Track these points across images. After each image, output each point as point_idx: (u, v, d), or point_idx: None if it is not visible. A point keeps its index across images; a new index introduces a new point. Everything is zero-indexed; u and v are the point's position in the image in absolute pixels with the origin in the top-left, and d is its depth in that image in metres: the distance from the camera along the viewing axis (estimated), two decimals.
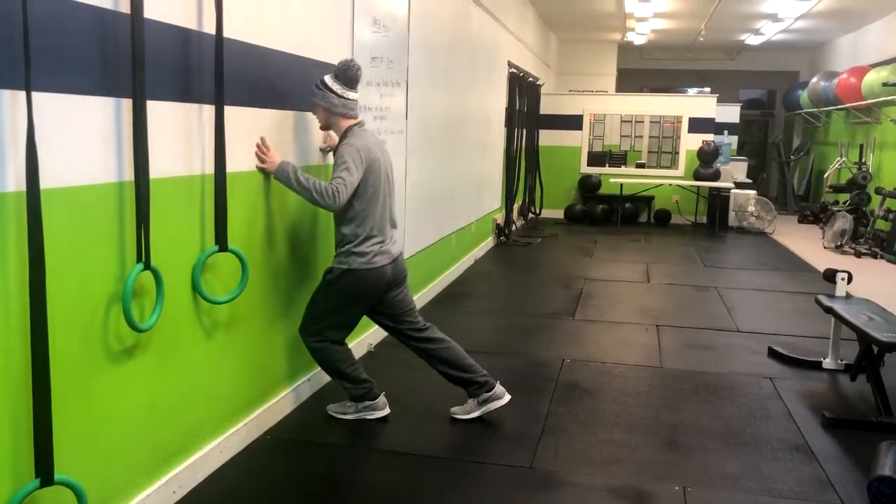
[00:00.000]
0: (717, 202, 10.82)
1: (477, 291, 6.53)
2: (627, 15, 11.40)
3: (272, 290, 3.43)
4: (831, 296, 4.56)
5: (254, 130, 3.17)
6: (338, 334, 3.46)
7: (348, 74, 3.32)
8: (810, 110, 13.35)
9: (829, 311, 4.37)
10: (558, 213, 11.57)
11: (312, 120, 3.68)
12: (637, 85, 16.04)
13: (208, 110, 2.79)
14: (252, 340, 3.28)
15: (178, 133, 2.66)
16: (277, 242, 3.45)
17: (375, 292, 3.41)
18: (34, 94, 1.93)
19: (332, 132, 3.73)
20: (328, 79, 3.32)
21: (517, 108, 9.45)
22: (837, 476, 3.14)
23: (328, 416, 3.58)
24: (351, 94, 3.35)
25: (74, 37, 2.13)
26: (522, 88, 9.75)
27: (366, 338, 4.53)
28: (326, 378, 4.02)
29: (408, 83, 5.12)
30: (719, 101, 11.90)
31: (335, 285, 3.36)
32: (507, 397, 3.61)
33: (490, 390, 3.57)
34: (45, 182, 2.00)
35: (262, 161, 3.21)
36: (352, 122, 3.37)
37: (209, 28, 2.75)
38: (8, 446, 2.02)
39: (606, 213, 11.24)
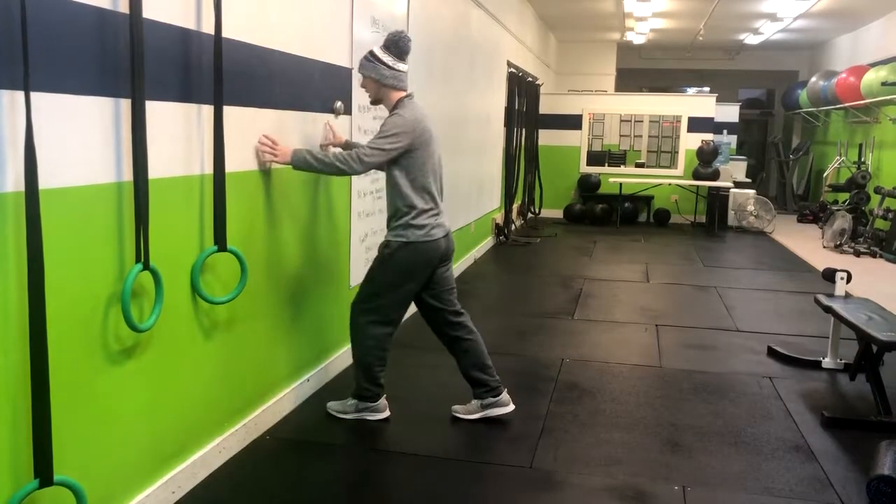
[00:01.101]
0: (717, 202, 10.82)
1: (476, 291, 6.52)
2: (626, 14, 11.40)
3: (271, 290, 3.43)
4: (830, 295, 4.56)
5: (253, 130, 3.17)
6: (394, 311, 3.41)
7: (399, 45, 3.31)
8: (809, 110, 13.36)
9: (828, 310, 4.37)
10: (557, 213, 11.57)
11: (312, 119, 3.69)
12: (636, 84, 16.05)
13: (207, 110, 2.79)
14: (251, 341, 3.28)
15: (177, 133, 2.65)
16: (277, 242, 3.45)
17: (431, 266, 3.38)
18: (33, 95, 1.93)
19: (333, 129, 3.74)
20: (378, 50, 3.31)
21: (516, 107, 9.45)
22: (837, 475, 3.14)
23: (328, 416, 3.57)
24: (401, 66, 3.34)
25: (73, 37, 2.13)
26: (522, 88, 9.75)
27: None
28: (326, 378, 4.03)
29: (408, 88, 5.10)
30: (718, 100, 11.91)
31: (393, 259, 3.32)
32: (511, 407, 3.60)
33: (496, 396, 3.56)
34: (44, 182, 2.00)
35: (274, 155, 3.20)
36: (402, 93, 3.36)
37: (208, 28, 2.75)
38: (7, 447, 2.02)
39: (606, 213, 11.24)
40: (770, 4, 10.37)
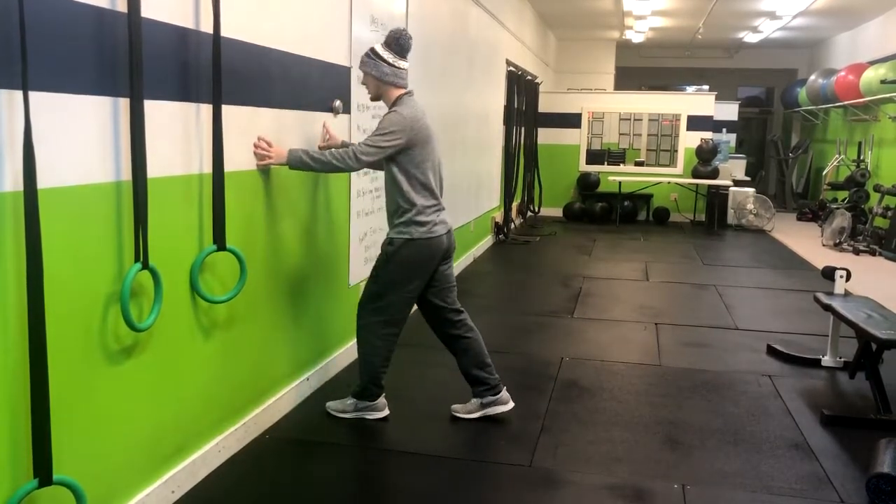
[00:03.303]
0: (716, 200, 10.82)
1: (476, 290, 6.52)
2: (626, 13, 11.39)
3: (271, 290, 3.43)
4: (830, 293, 4.56)
5: (251, 129, 3.17)
6: (400, 311, 3.41)
7: (400, 43, 3.31)
8: (809, 108, 13.36)
9: (827, 308, 4.38)
10: (557, 212, 11.57)
11: (311, 119, 3.68)
12: (635, 83, 16.05)
13: (206, 109, 2.78)
14: (251, 340, 3.28)
15: (176, 132, 2.65)
16: (276, 241, 3.44)
17: (434, 262, 3.39)
18: (31, 94, 1.92)
19: (330, 130, 3.74)
20: (379, 48, 3.31)
21: (516, 106, 9.44)
22: (836, 473, 3.14)
23: (327, 415, 3.57)
24: (402, 63, 3.34)
25: (71, 36, 2.13)
26: (521, 87, 9.74)
27: None
28: (326, 377, 4.03)
29: (408, 85, 5.10)
30: (718, 98, 11.91)
31: (397, 256, 3.32)
32: (511, 405, 3.60)
33: (496, 395, 3.56)
34: (43, 182, 2.00)
35: (269, 157, 3.20)
36: (402, 91, 3.36)
37: (206, 27, 2.74)
38: (6, 446, 2.02)
39: (605, 212, 11.24)
40: (769, 2, 10.37)
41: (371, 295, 3.42)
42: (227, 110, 2.89)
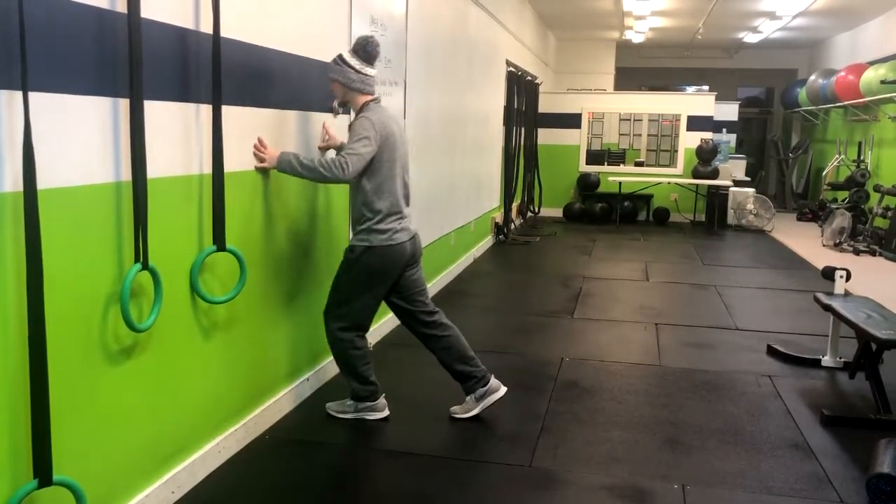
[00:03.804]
0: (716, 200, 10.82)
1: (476, 290, 6.52)
2: (626, 13, 11.40)
3: (270, 290, 3.43)
4: (830, 293, 4.56)
5: (251, 130, 3.17)
6: (363, 317, 3.43)
7: (367, 50, 3.32)
8: (809, 108, 13.36)
9: (827, 308, 4.37)
10: (557, 212, 11.57)
11: (311, 119, 3.68)
12: (635, 83, 16.05)
13: (206, 110, 2.78)
14: (251, 340, 3.28)
15: (176, 133, 2.65)
16: (276, 241, 3.44)
17: (397, 269, 3.40)
18: (31, 95, 1.93)
19: (330, 131, 3.74)
20: (347, 55, 3.33)
21: (515, 106, 9.44)
22: (836, 474, 3.14)
23: (327, 415, 3.57)
24: (369, 70, 3.35)
25: (71, 37, 2.13)
26: (521, 87, 9.74)
27: None
28: (326, 377, 4.03)
29: (406, 82, 5.11)
30: (718, 99, 11.91)
31: (358, 264, 3.34)
32: (504, 389, 3.61)
33: (486, 385, 3.57)
34: (43, 182, 2.00)
35: (261, 160, 3.21)
36: (368, 97, 3.37)
37: (206, 27, 2.74)
38: (6, 447, 2.02)
39: (605, 212, 11.24)
40: (769, 3, 10.36)
41: (333, 302, 3.45)
42: (227, 111, 2.89)
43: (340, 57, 3.34)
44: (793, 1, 10.07)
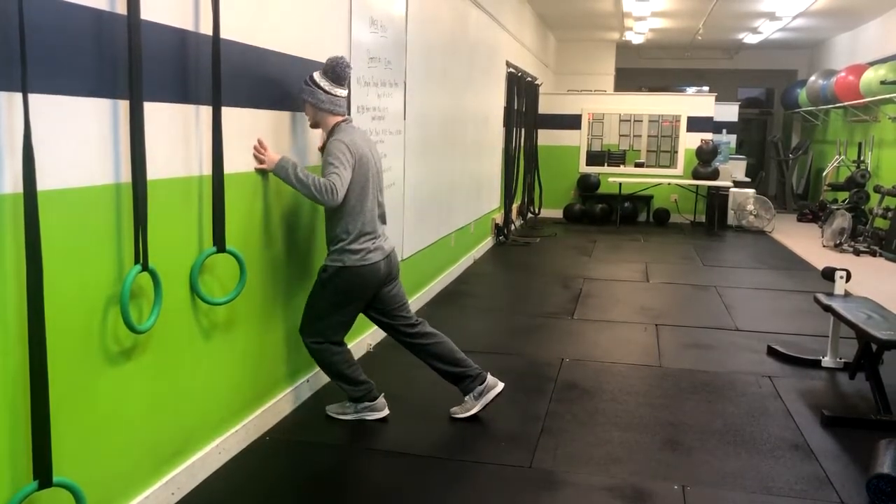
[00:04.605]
0: (716, 201, 10.82)
1: (476, 291, 6.52)
2: (625, 14, 11.40)
3: (270, 291, 3.43)
4: (830, 294, 4.56)
5: (251, 131, 3.17)
6: (336, 333, 3.46)
7: (336, 71, 3.32)
8: (809, 109, 13.36)
9: (827, 309, 4.37)
10: (557, 213, 11.57)
11: None
12: (635, 84, 16.04)
13: (205, 111, 2.79)
14: (250, 341, 3.28)
15: (176, 134, 2.66)
16: (275, 243, 3.45)
17: (370, 288, 3.42)
18: (31, 96, 1.93)
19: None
20: (317, 75, 3.33)
21: (515, 107, 9.45)
22: (836, 474, 3.14)
23: (327, 416, 3.58)
24: (339, 91, 3.34)
25: (71, 38, 2.13)
26: (521, 88, 9.75)
27: (365, 338, 4.53)
28: (326, 379, 4.02)
29: (406, 83, 5.12)
30: (718, 100, 11.91)
31: (331, 283, 3.37)
32: (501, 385, 3.61)
33: (483, 382, 3.57)
34: (43, 184, 2.00)
35: (261, 161, 3.21)
36: (339, 118, 3.37)
37: (206, 29, 2.75)
38: (6, 448, 2.02)
39: (605, 213, 11.24)
40: (769, 3, 10.37)
41: (307, 319, 3.46)
42: (227, 112, 2.89)
43: (311, 77, 3.32)
44: (793, 2, 10.07)
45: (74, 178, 2.19)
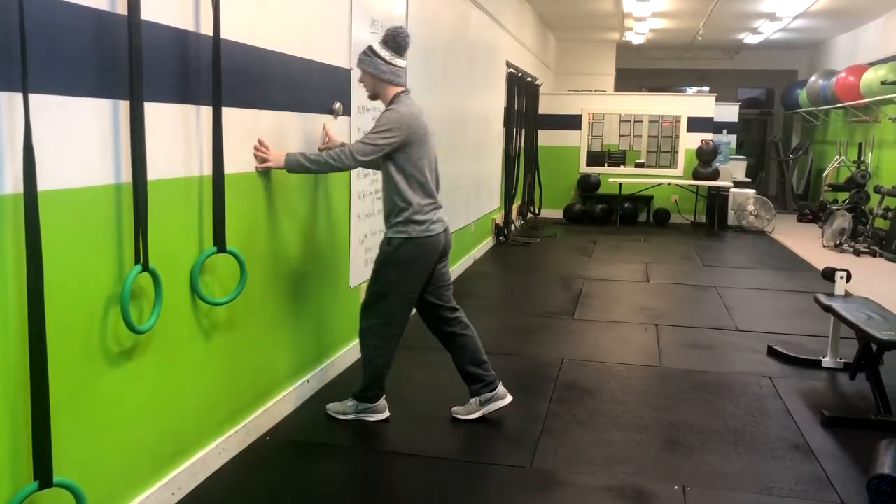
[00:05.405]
0: (717, 201, 10.83)
1: (476, 291, 6.52)
2: (626, 14, 11.40)
3: (271, 291, 3.43)
4: (830, 294, 4.56)
5: (252, 132, 3.17)
6: (401, 312, 3.41)
7: (397, 41, 3.32)
8: (809, 109, 13.36)
9: (828, 309, 4.37)
10: (557, 213, 11.57)
11: (311, 121, 3.69)
12: (636, 84, 16.05)
13: (206, 111, 2.79)
14: (251, 342, 3.28)
15: (176, 134, 2.66)
16: (276, 243, 3.45)
17: (433, 262, 3.39)
18: (31, 97, 1.93)
19: (330, 133, 3.74)
20: (377, 45, 3.33)
21: (516, 108, 9.45)
22: (837, 475, 3.14)
23: (328, 417, 3.57)
24: (399, 61, 3.35)
25: (71, 39, 2.13)
26: (521, 88, 9.75)
27: None
28: (326, 379, 4.03)
29: (406, 84, 5.10)
30: (718, 100, 11.91)
31: (396, 256, 3.32)
32: (509, 398, 3.60)
33: (493, 391, 3.57)
34: (43, 184, 2.00)
35: (265, 160, 3.21)
36: (399, 89, 3.37)
37: (206, 29, 2.75)
38: (6, 448, 2.02)
39: (605, 213, 11.24)
40: (769, 4, 10.37)
41: (372, 296, 3.42)
42: (228, 112, 2.89)
43: (371, 48, 3.33)
44: (793, 2, 10.08)
45: (75, 179, 2.19)
